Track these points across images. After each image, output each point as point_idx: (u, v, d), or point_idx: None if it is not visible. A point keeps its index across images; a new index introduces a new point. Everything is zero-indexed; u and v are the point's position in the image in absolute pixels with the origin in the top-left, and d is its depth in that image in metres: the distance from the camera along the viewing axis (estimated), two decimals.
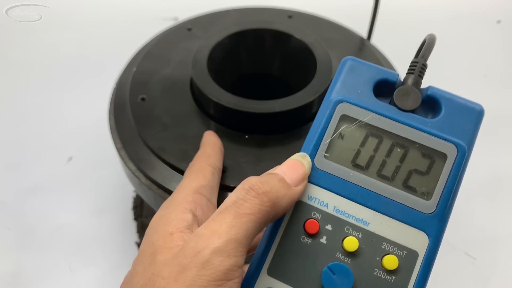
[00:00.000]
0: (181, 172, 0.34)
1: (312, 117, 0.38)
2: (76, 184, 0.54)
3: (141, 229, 0.50)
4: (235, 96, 0.36)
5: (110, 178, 0.54)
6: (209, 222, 0.22)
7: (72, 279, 0.46)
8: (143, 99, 0.40)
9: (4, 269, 0.47)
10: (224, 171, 0.34)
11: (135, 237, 0.50)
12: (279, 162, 0.35)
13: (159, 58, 0.43)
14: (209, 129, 0.37)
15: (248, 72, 0.47)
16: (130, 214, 0.52)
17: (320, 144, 0.25)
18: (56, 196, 0.52)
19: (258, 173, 0.34)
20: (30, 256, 0.48)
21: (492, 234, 0.51)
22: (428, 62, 0.27)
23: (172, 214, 0.24)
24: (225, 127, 0.37)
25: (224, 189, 0.33)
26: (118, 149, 0.38)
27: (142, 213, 0.51)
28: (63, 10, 0.72)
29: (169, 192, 0.34)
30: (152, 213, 0.51)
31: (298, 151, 0.37)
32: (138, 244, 0.49)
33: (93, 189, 0.53)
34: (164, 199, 0.35)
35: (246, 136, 0.36)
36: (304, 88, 0.37)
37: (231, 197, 0.22)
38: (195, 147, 0.35)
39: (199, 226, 0.23)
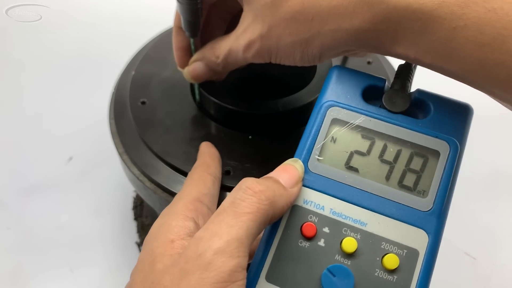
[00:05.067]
0: (186, 174, 0.34)
1: None
2: (76, 184, 0.54)
3: (141, 229, 0.50)
4: (236, 97, 0.36)
5: (110, 178, 0.54)
6: (208, 224, 0.21)
7: (72, 279, 0.46)
8: (143, 102, 0.39)
9: (4, 269, 0.47)
10: (228, 172, 0.34)
11: (135, 237, 0.50)
12: (284, 161, 0.35)
13: (157, 61, 0.43)
14: (211, 130, 0.37)
15: (248, 72, 0.47)
16: (130, 214, 0.52)
17: (313, 148, 0.25)
18: (56, 196, 0.52)
19: (263, 174, 0.34)
20: (30, 256, 0.48)
21: (492, 234, 0.51)
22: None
23: (173, 222, 0.24)
24: (227, 128, 0.37)
25: (229, 191, 0.33)
26: (120, 154, 0.37)
27: (142, 213, 0.51)
28: (63, 10, 0.72)
29: (174, 195, 0.34)
30: (152, 213, 0.51)
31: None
32: (138, 244, 0.49)
33: (93, 189, 0.53)
34: (170, 202, 0.35)
35: (250, 137, 0.36)
36: (305, 88, 0.37)
37: (228, 198, 0.22)
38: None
39: None
